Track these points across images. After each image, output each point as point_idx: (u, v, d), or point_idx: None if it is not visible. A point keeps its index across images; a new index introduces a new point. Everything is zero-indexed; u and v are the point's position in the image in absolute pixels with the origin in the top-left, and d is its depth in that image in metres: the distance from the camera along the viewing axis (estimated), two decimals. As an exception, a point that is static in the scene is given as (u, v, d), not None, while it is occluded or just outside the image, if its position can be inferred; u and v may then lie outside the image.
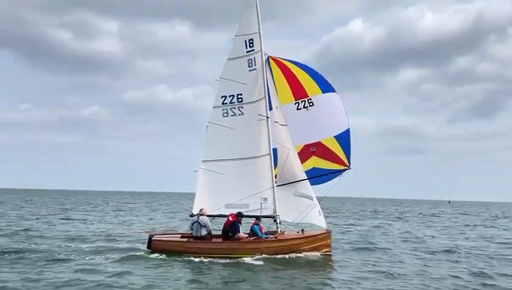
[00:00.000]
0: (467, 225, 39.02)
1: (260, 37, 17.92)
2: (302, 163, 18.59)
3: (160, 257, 15.63)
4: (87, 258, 15.36)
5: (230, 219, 16.33)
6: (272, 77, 18.57)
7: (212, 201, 17.39)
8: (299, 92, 18.61)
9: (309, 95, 18.52)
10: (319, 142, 18.77)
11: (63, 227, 25.80)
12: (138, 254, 16.17)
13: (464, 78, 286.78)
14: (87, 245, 18.11)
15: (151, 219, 35.55)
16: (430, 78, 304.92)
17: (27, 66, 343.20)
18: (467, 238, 26.49)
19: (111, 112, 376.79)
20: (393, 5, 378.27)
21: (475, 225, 39.53)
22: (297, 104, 18.65)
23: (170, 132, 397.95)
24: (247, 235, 16.44)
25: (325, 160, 18.77)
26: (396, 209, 75.85)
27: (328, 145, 18.76)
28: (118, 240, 20.08)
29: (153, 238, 16.58)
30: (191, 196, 19.78)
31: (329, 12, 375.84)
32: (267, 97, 17.84)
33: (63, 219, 32.64)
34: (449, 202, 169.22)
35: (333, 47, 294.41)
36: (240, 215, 16.35)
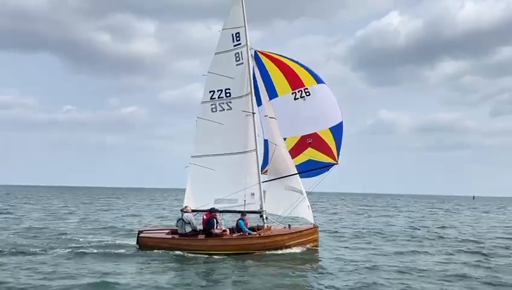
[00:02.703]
0: None
1: (246, 31, 17.69)
2: (298, 154, 18.44)
3: (146, 252, 15.73)
4: (74, 249, 15.74)
5: (205, 217, 16.23)
6: (263, 70, 18.35)
7: (202, 196, 17.30)
8: (295, 82, 18.33)
9: (305, 85, 18.22)
10: (315, 133, 18.45)
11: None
12: (125, 249, 16.32)
13: (507, 69, 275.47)
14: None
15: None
16: (471, 70, 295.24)
17: (69, 69, 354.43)
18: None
19: (148, 111, 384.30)
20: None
21: None
22: (294, 94, 18.36)
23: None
24: (222, 230, 16.24)
25: (320, 152, 18.45)
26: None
27: (323, 137, 18.44)
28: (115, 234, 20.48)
29: (140, 234, 16.69)
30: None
31: (363, 6, 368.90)
32: (253, 92, 17.61)
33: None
34: (473, 198, 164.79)
35: (368, 41, 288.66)
36: (212, 211, 16.19)
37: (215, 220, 16.02)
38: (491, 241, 21.74)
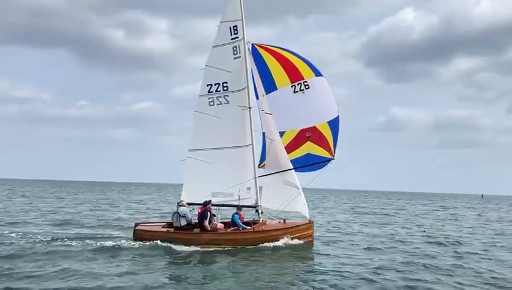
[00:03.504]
0: None
1: (243, 25, 17.57)
2: (297, 148, 18.33)
3: (142, 245, 15.73)
4: (73, 243, 15.87)
5: (199, 210, 16.19)
6: (262, 63, 18.22)
7: (199, 189, 17.26)
8: (294, 75, 18.16)
9: (304, 78, 18.05)
10: (314, 127, 18.29)
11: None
12: (123, 241, 16.38)
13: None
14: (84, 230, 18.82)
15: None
16: (486, 67, 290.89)
17: (83, 64, 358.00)
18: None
19: (161, 107, 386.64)
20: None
21: None
22: (293, 87, 18.19)
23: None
24: (211, 227, 16.16)
25: (319, 146, 18.30)
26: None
27: (322, 131, 18.28)
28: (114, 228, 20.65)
29: (136, 227, 16.76)
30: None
31: (376, 2, 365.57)
32: (249, 87, 17.51)
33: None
34: (482, 196, 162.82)
35: (382, 38, 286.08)
36: (205, 203, 16.16)
37: (209, 213, 15.97)
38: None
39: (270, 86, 18.32)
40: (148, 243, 15.69)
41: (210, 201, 16.33)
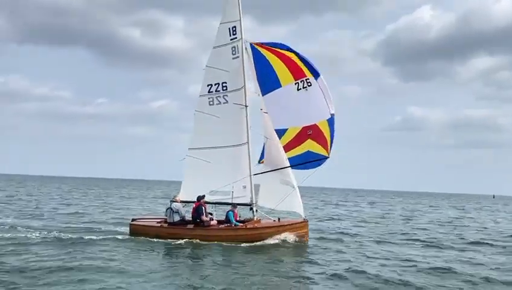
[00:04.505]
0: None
1: (241, 25, 17.85)
2: (298, 145, 18.47)
3: (137, 239, 16.24)
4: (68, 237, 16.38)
5: (194, 205, 16.54)
6: (264, 62, 18.38)
7: (197, 188, 17.51)
8: (297, 72, 18.24)
9: (306, 75, 18.20)
10: (315, 124, 18.40)
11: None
12: (118, 236, 16.88)
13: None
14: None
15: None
16: (507, 66, 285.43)
17: (102, 63, 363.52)
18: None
19: (177, 105, 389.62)
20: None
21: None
22: (297, 84, 18.29)
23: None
24: (208, 219, 16.53)
25: (318, 144, 18.46)
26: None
27: (322, 129, 18.41)
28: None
29: (131, 222, 17.25)
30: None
31: (394, 0, 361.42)
32: (246, 86, 17.77)
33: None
34: (493, 196, 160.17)
35: (398, 36, 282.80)
36: (199, 198, 16.52)
37: (203, 208, 16.32)
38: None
39: (274, 83, 18.43)
40: (141, 238, 16.15)
41: (204, 196, 16.70)
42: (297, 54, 18.33)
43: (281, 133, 18.33)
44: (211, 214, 16.99)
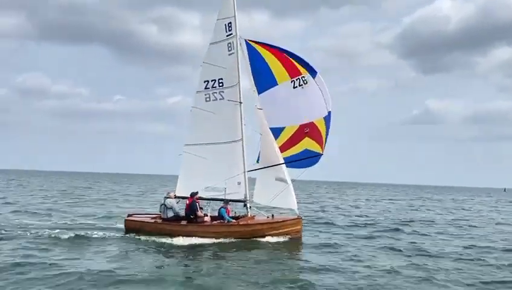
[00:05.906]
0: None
1: (236, 21, 17.85)
2: (296, 144, 18.44)
3: (131, 236, 16.45)
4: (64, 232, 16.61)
5: (187, 201, 16.66)
6: (260, 59, 18.40)
7: (193, 184, 17.64)
8: (293, 70, 18.20)
9: (302, 73, 18.15)
10: (312, 122, 18.36)
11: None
12: (115, 232, 17.15)
13: None
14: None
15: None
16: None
17: (119, 60, 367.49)
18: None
19: (192, 101, 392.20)
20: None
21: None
22: (293, 82, 18.25)
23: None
24: (203, 215, 16.64)
25: (315, 142, 18.42)
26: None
27: (318, 127, 18.37)
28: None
29: (126, 218, 17.49)
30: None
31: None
32: (241, 83, 17.80)
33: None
34: (505, 190, 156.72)
35: (416, 28, 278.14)
36: (193, 195, 16.65)
37: (197, 204, 16.45)
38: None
39: (270, 81, 18.42)
40: (135, 234, 16.35)
41: (197, 192, 16.80)
42: (289, 53, 18.28)
43: (278, 132, 18.33)
44: (201, 208, 17.02)
